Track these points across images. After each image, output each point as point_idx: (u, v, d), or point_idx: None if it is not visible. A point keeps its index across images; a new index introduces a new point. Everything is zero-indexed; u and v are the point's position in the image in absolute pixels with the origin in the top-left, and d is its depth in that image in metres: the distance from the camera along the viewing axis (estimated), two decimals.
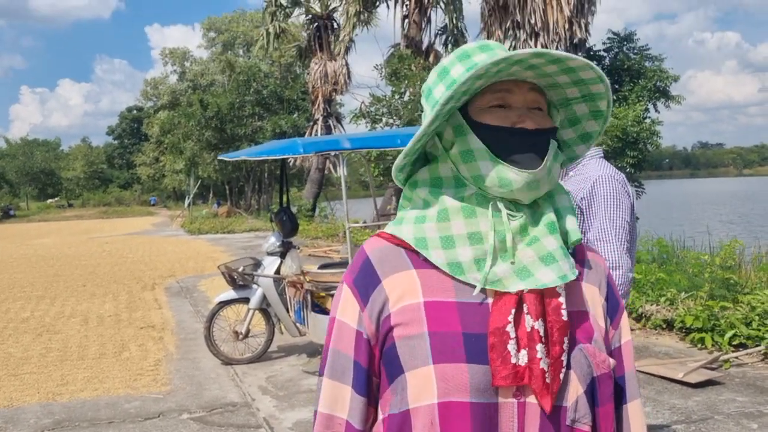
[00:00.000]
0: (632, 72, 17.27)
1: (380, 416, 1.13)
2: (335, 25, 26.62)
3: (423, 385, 1.04)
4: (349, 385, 1.13)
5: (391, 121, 19.22)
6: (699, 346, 6.30)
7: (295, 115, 32.99)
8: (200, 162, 36.31)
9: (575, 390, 1.06)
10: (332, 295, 5.55)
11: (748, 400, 4.87)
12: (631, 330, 6.89)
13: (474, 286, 1.06)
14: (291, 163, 27.36)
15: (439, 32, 23.28)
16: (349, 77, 25.92)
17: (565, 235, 1.13)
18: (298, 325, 6.03)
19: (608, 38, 18.58)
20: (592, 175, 2.72)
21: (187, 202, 38.83)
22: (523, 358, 1.03)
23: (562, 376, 1.04)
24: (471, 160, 1.08)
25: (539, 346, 1.03)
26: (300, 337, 6.13)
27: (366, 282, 1.12)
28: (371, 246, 1.16)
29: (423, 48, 21.96)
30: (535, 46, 16.32)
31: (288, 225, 6.39)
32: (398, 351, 1.07)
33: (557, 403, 1.05)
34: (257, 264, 6.35)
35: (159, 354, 6.78)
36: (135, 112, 76.23)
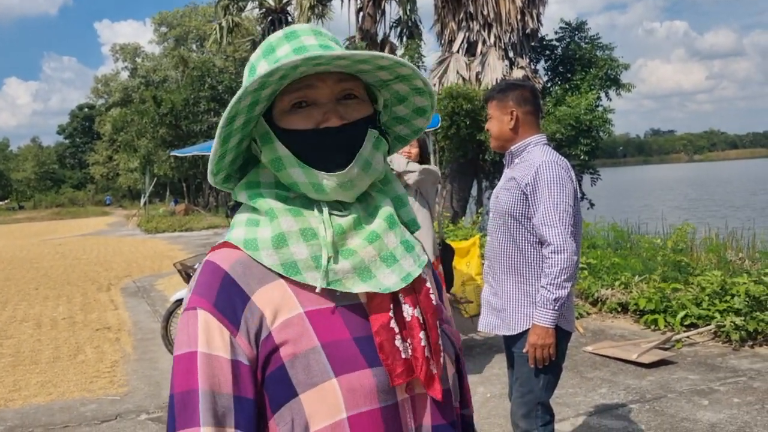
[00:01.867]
0: (584, 61, 17.52)
1: None
2: (289, 19, 26.40)
3: (325, 403, 0.95)
4: (233, 428, 0.95)
5: None
6: (652, 327, 6.46)
7: None
8: (155, 160, 35.67)
9: (450, 370, 1.08)
10: None
11: (700, 377, 5.01)
12: (588, 314, 7.03)
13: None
14: None
15: (394, 24, 23.26)
16: None
17: (407, 223, 1.12)
18: None
19: (560, 28, 18.83)
20: (535, 161, 2.76)
21: (143, 200, 38.11)
22: (408, 349, 1.00)
23: (442, 359, 1.04)
24: (282, 169, 1.02)
25: (422, 334, 1.01)
26: None
27: (232, 302, 0.97)
28: (227, 260, 1.01)
29: (378, 41, 21.92)
30: (488, 37, 16.46)
31: None
32: (289, 372, 0.96)
33: (444, 387, 1.04)
34: None
35: (116, 355, 6.66)
36: (86, 110, 74.46)
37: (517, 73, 15.91)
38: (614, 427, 4.17)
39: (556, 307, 2.66)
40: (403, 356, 0.99)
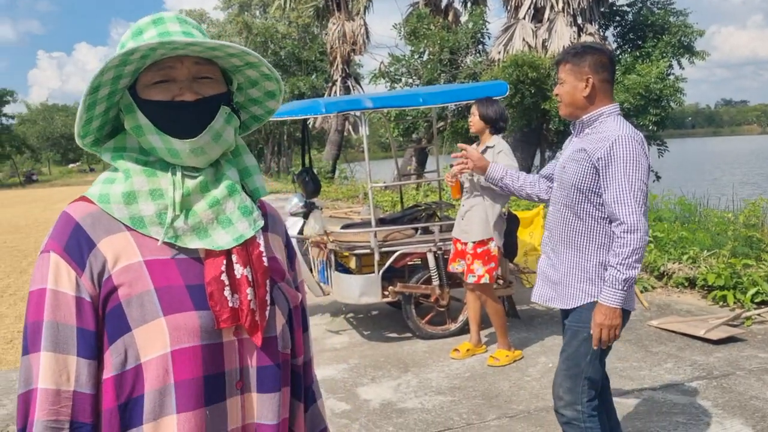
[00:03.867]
0: (656, 27, 16.87)
1: (101, 378, 1.15)
2: None
3: (154, 338, 1.12)
4: (74, 355, 1.12)
5: (410, 80, 19.05)
6: (721, 303, 6.31)
7: (313, 77, 32.79)
8: None
9: (280, 321, 1.25)
10: (356, 255, 5.61)
11: None
12: (653, 288, 6.91)
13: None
14: (311, 125, 27.31)
15: None
16: (367, 37, 25.64)
17: (252, 191, 1.28)
18: (321, 284, 6.10)
19: None
20: (610, 134, 2.65)
21: None
22: (236, 301, 1.17)
23: (267, 312, 1.21)
24: (142, 135, 1.18)
25: (249, 290, 1.18)
26: (323, 296, 6.21)
27: (79, 247, 1.14)
28: (79, 211, 1.18)
29: (442, 7, 21.62)
30: (556, 2, 16.02)
31: (311, 185, 6.43)
32: (125, 309, 1.12)
33: (268, 335, 1.22)
34: None
35: None
36: None
37: (586, 40, 15.47)
38: (680, 402, 4.14)
39: (625, 288, 2.58)
40: (231, 305, 1.16)
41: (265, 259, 1.22)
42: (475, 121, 4.92)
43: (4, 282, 9.20)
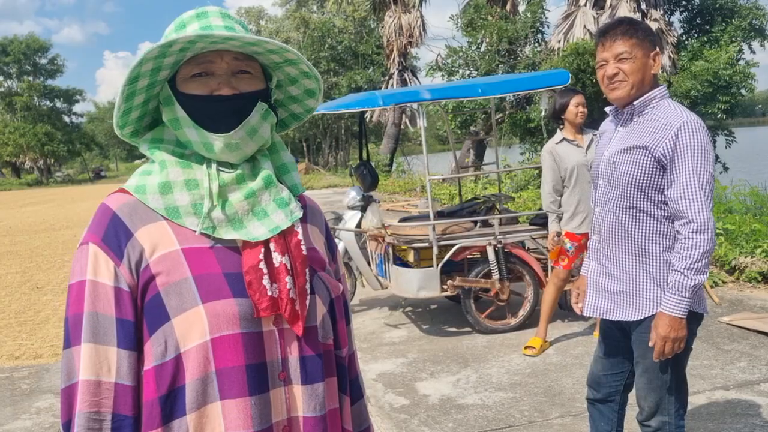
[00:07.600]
0: (724, 11, 16.21)
1: (141, 370, 1.13)
2: None
3: (193, 326, 1.10)
4: (114, 346, 1.11)
5: (467, 72, 18.85)
6: None
7: (370, 70, 32.89)
8: None
9: (320, 310, 1.23)
10: (415, 248, 5.55)
11: None
12: (724, 283, 6.64)
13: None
14: (368, 118, 27.35)
15: None
16: (424, 29, 25.52)
17: (290, 187, 1.26)
18: (379, 278, 6.09)
19: None
20: (671, 120, 2.38)
21: None
22: (275, 290, 1.15)
23: (308, 301, 1.20)
24: (179, 128, 1.18)
25: (287, 278, 1.17)
26: (381, 290, 6.19)
27: (117, 237, 1.13)
28: (116, 202, 1.18)
29: None
30: None
31: (368, 179, 6.40)
32: (163, 299, 1.11)
33: (309, 324, 1.20)
34: (338, 218, 6.42)
35: None
36: None
37: (650, 26, 15.00)
38: (755, 403, 3.94)
39: (692, 295, 2.33)
40: (270, 294, 1.14)
41: (303, 248, 1.21)
42: (586, 112, 4.86)
43: None
